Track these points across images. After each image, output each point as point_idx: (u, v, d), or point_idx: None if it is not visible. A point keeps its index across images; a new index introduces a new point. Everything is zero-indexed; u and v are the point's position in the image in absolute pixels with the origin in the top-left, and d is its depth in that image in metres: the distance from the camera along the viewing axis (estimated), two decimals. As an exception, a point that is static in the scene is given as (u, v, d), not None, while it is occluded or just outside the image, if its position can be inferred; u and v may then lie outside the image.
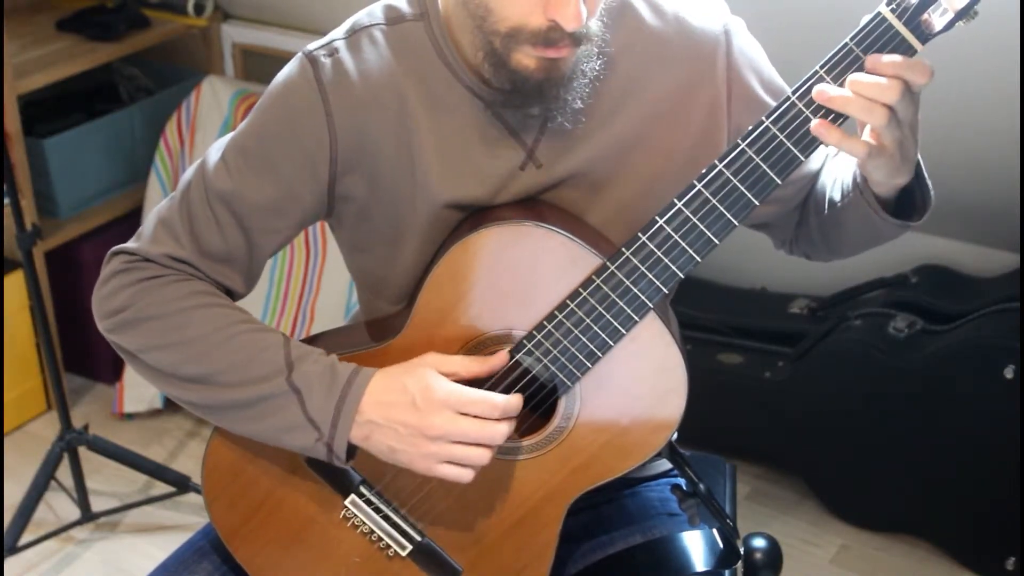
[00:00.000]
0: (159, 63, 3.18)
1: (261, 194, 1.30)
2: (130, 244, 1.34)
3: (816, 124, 1.16)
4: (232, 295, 1.36)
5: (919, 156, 1.26)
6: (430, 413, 1.23)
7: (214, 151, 1.33)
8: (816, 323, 2.59)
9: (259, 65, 3.12)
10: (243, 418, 1.28)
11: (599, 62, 1.26)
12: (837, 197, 1.35)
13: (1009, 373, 2.28)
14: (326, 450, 1.26)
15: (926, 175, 1.29)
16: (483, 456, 1.25)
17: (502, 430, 1.25)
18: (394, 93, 1.29)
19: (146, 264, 1.31)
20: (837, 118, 1.16)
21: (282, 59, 1.35)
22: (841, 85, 1.15)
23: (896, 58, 1.13)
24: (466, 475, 1.26)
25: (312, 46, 1.31)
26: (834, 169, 1.40)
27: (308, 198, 1.32)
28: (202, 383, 1.28)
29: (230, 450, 1.36)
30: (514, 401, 1.26)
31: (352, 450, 1.28)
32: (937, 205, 1.31)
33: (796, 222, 1.47)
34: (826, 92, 1.14)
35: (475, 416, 1.24)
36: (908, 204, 1.31)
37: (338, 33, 1.32)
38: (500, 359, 1.27)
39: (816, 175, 1.42)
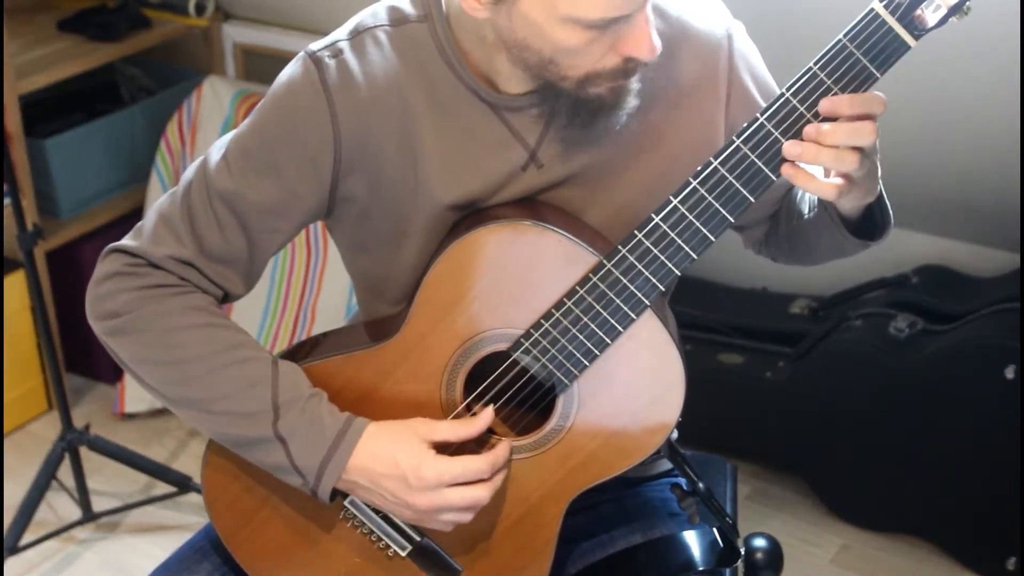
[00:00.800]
0: (160, 63, 3.18)
1: (263, 195, 1.30)
2: (129, 242, 1.33)
3: (786, 167, 1.17)
4: (230, 297, 1.36)
5: (880, 182, 1.27)
6: (419, 493, 1.26)
7: (216, 150, 1.33)
8: (817, 323, 2.59)
9: (260, 65, 3.12)
10: (231, 445, 1.31)
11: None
12: (805, 209, 1.37)
13: (1009, 373, 2.28)
14: (311, 494, 1.29)
15: (885, 196, 1.31)
16: (469, 517, 1.29)
17: (487, 492, 1.27)
18: (398, 95, 1.29)
19: (149, 270, 1.31)
20: None
21: (283, 59, 1.35)
22: (837, 83, 1.15)
23: (854, 97, 1.14)
24: (450, 528, 1.30)
25: (315, 46, 1.30)
26: None
27: (310, 199, 1.32)
28: (191, 407, 1.30)
29: (230, 452, 1.36)
30: (502, 451, 1.29)
31: (336, 493, 1.30)
32: (937, 205, 1.31)
33: (767, 228, 1.48)
34: (792, 150, 1.16)
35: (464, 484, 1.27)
36: (869, 222, 1.33)
37: (341, 34, 1.31)
38: (487, 416, 1.29)
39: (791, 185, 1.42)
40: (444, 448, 1.28)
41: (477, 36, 1.25)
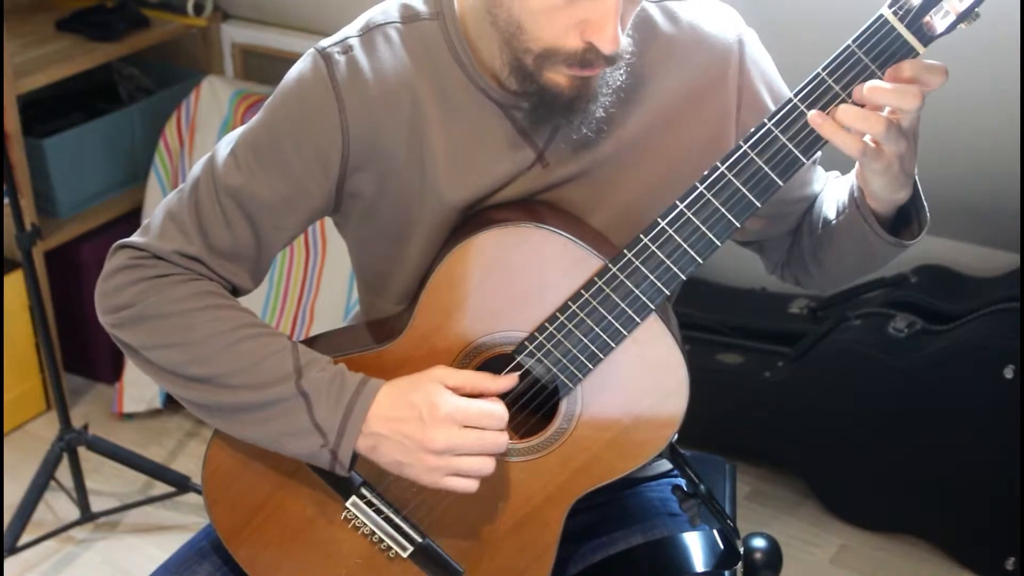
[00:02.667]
0: (159, 63, 3.18)
1: (271, 191, 1.30)
2: (137, 238, 1.33)
3: (813, 114, 1.15)
4: (238, 292, 1.36)
5: (916, 178, 1.26)
6: (434, 427, 1.24)
7: (223, 146, 1.33)
8: (816, 323, 2.60)
9: (259, 65, 3.12)
10: (246, 421, 1.28)
11: (623, 71, 1.25)
12: (832, 215, 1.35)
13: (1009, 373, 2.28)
14: (330, 457, 1.26)
15: (923, 196, 1.29)
16: (486, 466, 1.26)
17: (504, 439, 1.26)
18: (408, 93, 1.28)
19: (155, 262, 1.31)
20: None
21: (282, 59, 1.35)
22: (845, 88, 1.15)
23: (916, 61, 1.13)
24: (471, 486, 1.27)
25: (326, 43, 1.30)
26: (831, 191, 1.40)
27: (317, 195, 1.32)
28: (206, 383, 1.28)
29: (231, 452, 1.36)
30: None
31: (354, 459, 1.28)
32: (937, 205, 1.31)
33: (789, 245, 1.47)
34: (837, 112, 1.15)
35: (479, 428, 1.25)
36: (903, 224, 1.32)
37: (352, 30, 1.31)
38: (511, 379, 1.28)
39: (815, 196, 1.42)
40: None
41: (480, 28, 1.25)
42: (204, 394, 1.29)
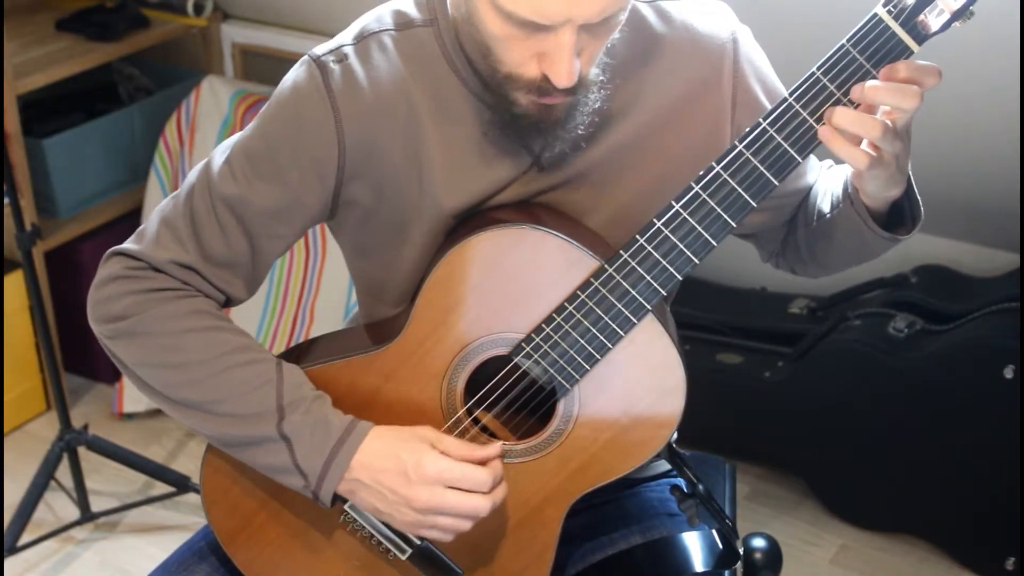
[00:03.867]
0: (159, 63, 3.18)
1: (267, 199, 1.29)
2: (132, 246, 1.32)
3: (823, 130, 1.16)
4: (232, 302, 1.36)
5: (910, 172, 1.26)
6: (419, 486, 1.24)
7: (218, 154, 1.32)
8: (816, 323, 2.59)
9: (259, 65, 3.12)
10: (232, 450, 1.30)
11: (601, 93, 1.24)
12: (827, 208, 1.35)
13: (1009, 373, 2.28)
14: (312, 496, 1.28)
15: (916, 191, 1.29)
16: (466, 526, 1.27)
17: (487, 504, 1.26)
18: (403, 100, 1.28)
19: (151, 274, 1.30)
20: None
21: (282, 59, 1.35)
22: (840, 87, 1.15)
23: (911, 63, 1.13)
24: (450, 538, 1.28)
25: (320, 50, 1.29)
26: (825, 182, 1.40)
27: (313, 203, 1.32)
28: (193, 408, 1.29)
29: (229, 455, 1.36)
30: (500, 470, 1.27)
31: (337, 498, 1.29)
32: (937, 205, 1.31)
33: (784, 235, 1.47)
34: (834, 116, 1.15)
35: (463, 490, 1.25)
36: (897, 218, 1.32)
37: (346, 38, 1.30)
38: (495, 449, 1.28)
39: (809, 187, 1.42)
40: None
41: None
42: (192, 418, 1.29)
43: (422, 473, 1.24)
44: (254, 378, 1.27)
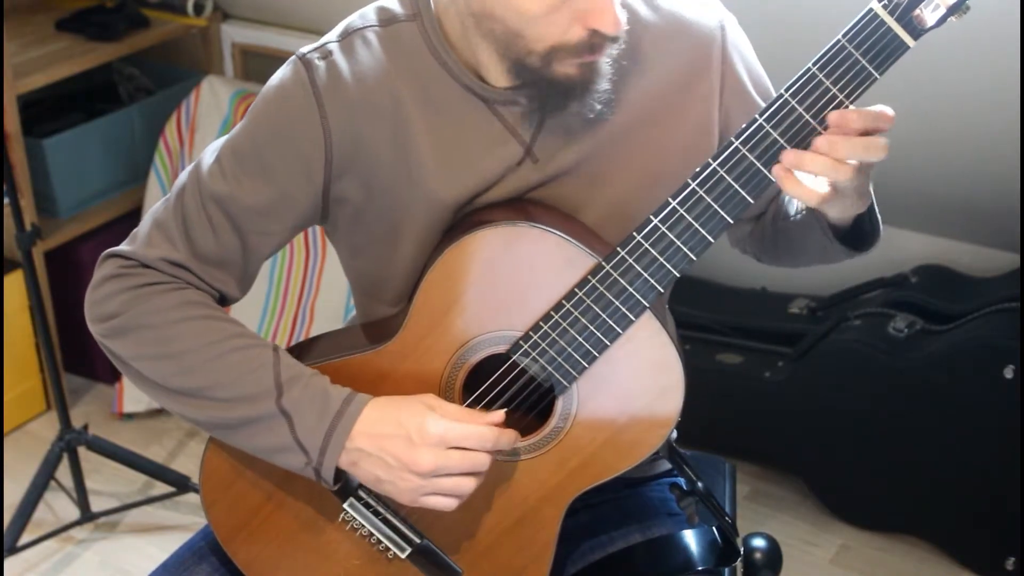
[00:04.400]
0: (159, 63, 3.19)
1: (256, 197, 1.30)
2: (124, 247, 1.33)
3: (778, 168, 1.17)
4: (226, 299, 1.36)
5: (871, 191, 1.27)
6: (423, 449, 1.23)
7: (208, 154, 1.33)
8: (816, 323, 2.59)
9: (258, 65, 3.13)
10: (232, 435, 1.29)
11: (622, 43, 1.26)
12: (792, 211, 1.37)
13: (1009, 373, 2.28)
14: (314, 474, 1.27)
15: (876, 208, 1.30)
16: (470, 486, 1.26)
17: (487, 460, 1.25)
18: (389, 95, 1.29)
19: (142, 270, 1.31)
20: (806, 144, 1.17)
21: (282, 59, 1.35)
22: (836, 83, 1.15)
23: (863, 112, 1.14)
24: (451, 504, 1.27)
25: (305, 49, 1.31)
26: None
27: (302, 200, 1.32)
28: (192, 396, 1.29)
29: (228, 454, 1.36)
30: (507, 436, 1.26)
31: (340, 474, 1.28)
32: (937, 205, 1.31)
33: (752, 227, 1.48)
34: (793, 157, 1.15)
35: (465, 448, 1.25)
36: (858, 231, 1.33)
37: (331, 36, 1.32)
38: (497, 415, 1.27)
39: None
40: None
41: (462, 29, 1.26)
42: (191, 407, 1.29)
43: (425, 436, 1.23)
44: (251, 360, 1.27)
